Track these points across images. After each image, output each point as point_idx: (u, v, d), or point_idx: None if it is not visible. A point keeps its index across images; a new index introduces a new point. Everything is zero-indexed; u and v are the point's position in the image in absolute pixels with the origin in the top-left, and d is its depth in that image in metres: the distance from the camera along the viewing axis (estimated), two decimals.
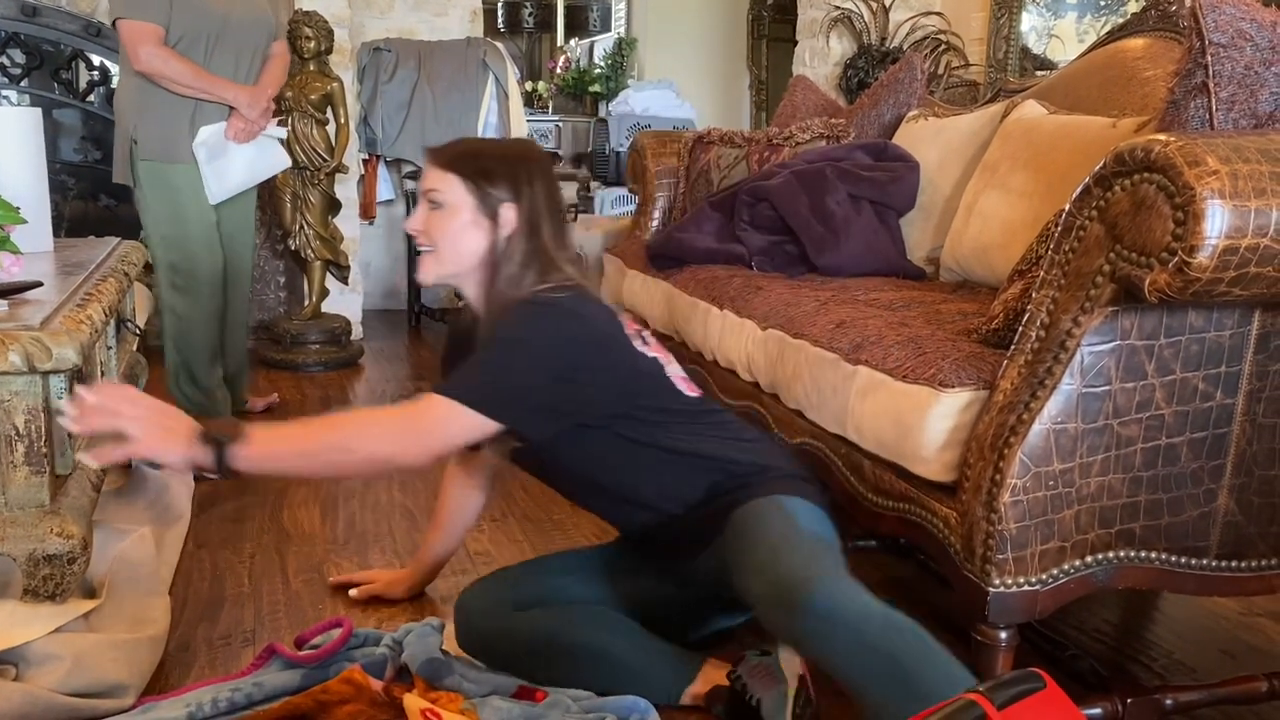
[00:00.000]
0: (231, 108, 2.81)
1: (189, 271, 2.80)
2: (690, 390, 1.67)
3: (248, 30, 2.80)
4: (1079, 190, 1.33)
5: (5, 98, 4.09)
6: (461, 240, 1.57)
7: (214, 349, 2.90)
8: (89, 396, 1.35)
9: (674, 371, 1.66)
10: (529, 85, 7.35)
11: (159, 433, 1.35)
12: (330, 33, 3.90)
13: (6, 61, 4.02)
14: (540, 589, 1.67)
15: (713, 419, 1.66)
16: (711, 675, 1.58)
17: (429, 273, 1.60)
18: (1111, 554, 1.42)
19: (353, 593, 1.94)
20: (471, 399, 1.45)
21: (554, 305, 1.52)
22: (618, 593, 1.70)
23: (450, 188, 1.57)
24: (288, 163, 3.18)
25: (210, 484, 2.60)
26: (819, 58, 4.53)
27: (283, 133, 3.03)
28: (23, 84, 4.06)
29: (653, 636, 1.63)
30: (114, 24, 2.70)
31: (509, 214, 1.58)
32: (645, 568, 1.71)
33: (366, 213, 4.81)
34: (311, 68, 3.81)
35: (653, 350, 1.65)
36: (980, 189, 2.22)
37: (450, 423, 1.45)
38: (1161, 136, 1.22)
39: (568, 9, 8.15)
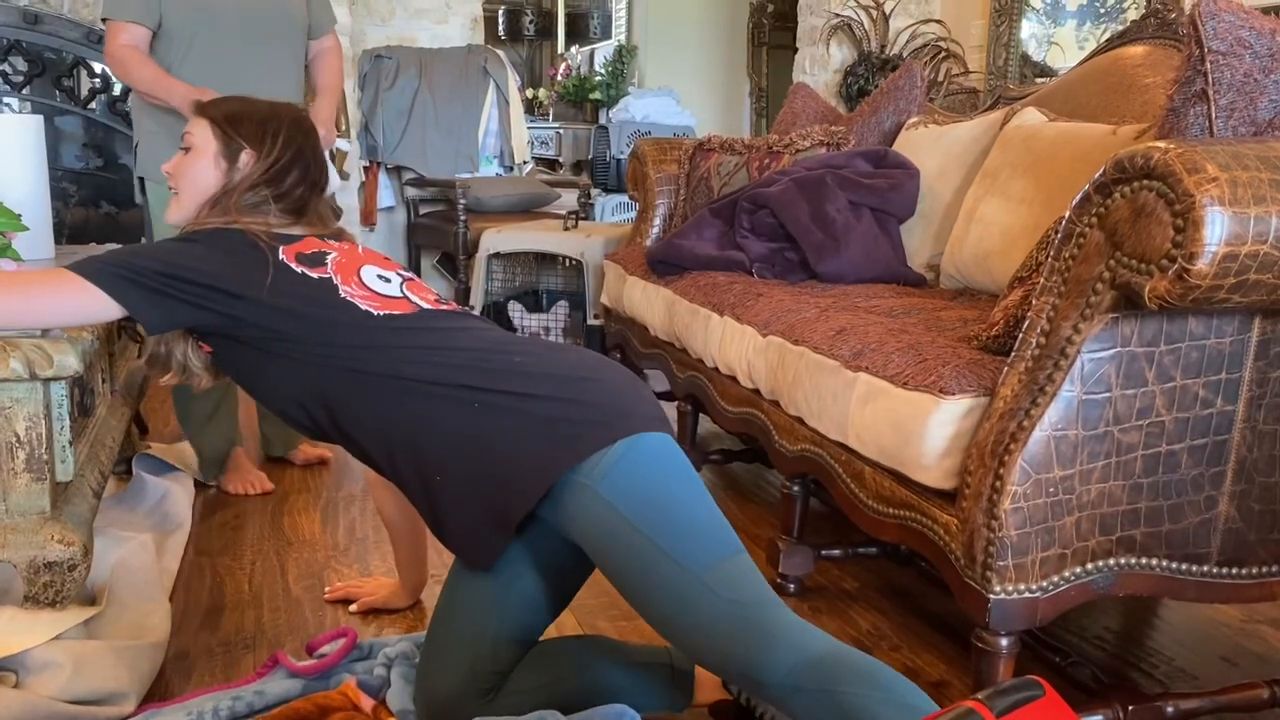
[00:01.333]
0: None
1: None
2: (383, 308, 1.48)
3: (259, 23, 2.55)
4: (1079, 197, 1.33)
5: (7, 105, 4.09)
6: (199, 179, 1.64)
7: (216, 398, 2.66)
8: None
9: (354, 291, 1.49)
10: (530, 92, 7.37)
11: None
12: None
13: (9, 69, 4.03)
14: (496, 656, 1.47)
15: (430, 337, 1.46)
16: (705, 682, 1.57)
17: (172, 214, 1.67)
18: (1112, 561, 1.42)
19: (353, 607, 1.93)
20: (87, 272, 1.45)
21: (198, 230, 1.57)
22: (549, 593, 1.52)
23: (200, 131, 1.65)
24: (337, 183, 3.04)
25: (211, 491, 2.60)
26: (819, 65, 4.54)
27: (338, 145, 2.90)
28: (25, 91, 4.07)
29: (636, 658, 1.55)
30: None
31: (247, 159, 1.63)
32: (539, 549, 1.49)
33: (367, 219, 4.83)
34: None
35: (333, 270, 1.52)
36: (980, 196, 2.22)
37: (72, 295, 1.45)
38: (1161, 144, 1.23)
39: (569, 16, 8.17)
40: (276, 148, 1.64)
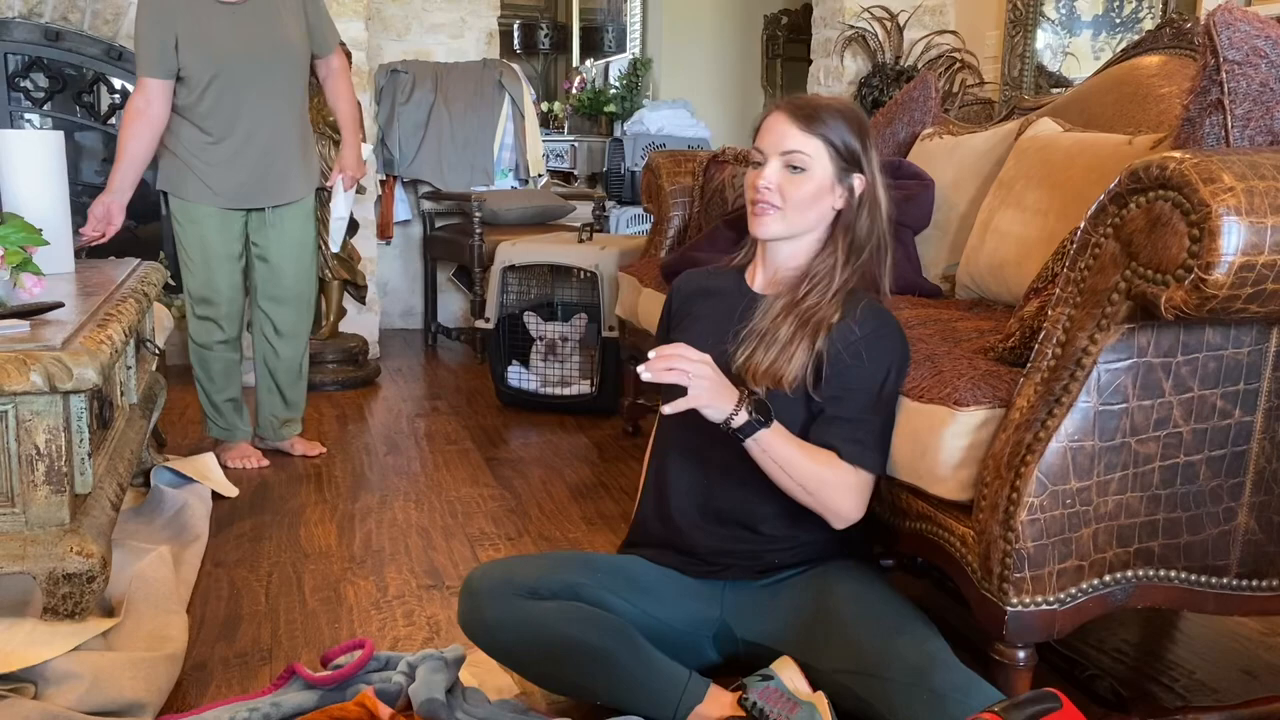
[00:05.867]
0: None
1: (208, 300, 2.84)
2: None
3: (263, 64, 2.75)
4: (1094, 208, 1.33)
5: (28, 121, 4.14)
6: (817, 204, 1.62)
7: (230, 374, 2.93)
8: (665, 350, 1.50)
9: None
10: (545, 106, 7.39)
11: (711, 393, 1.50)
12: (348, 55, 3.93)
13: (30, 85, 4.07)
14: (553, 583, 1.63)
15: None
16: (719, 699, 1.55)
17: (771, 229, 1.64)
18: (1130, 573, 1.41)
19: None
20: (879, 470, 1.60)
21: (895, 323, 1.65)
22: (631, 608, 1.66)
23: (814, 153, 1.61)
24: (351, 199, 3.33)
25: (228, 503, 2.62)
26: (833, 77, 4.54)
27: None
28: (45, 107, 4.11)
29: (660, 654, 1.59)
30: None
31: (859, 184, 1.63)
32: (667, 596, 1.69)
33: (384, 233, 4.85)
34: None
35: None
36: (995, 206, 2.22)
37: (869, 492, 1.60)
38: (1177, 153, 1.22)
39: (583, 30, 8.20)
40: (874, 164, 1.66)
